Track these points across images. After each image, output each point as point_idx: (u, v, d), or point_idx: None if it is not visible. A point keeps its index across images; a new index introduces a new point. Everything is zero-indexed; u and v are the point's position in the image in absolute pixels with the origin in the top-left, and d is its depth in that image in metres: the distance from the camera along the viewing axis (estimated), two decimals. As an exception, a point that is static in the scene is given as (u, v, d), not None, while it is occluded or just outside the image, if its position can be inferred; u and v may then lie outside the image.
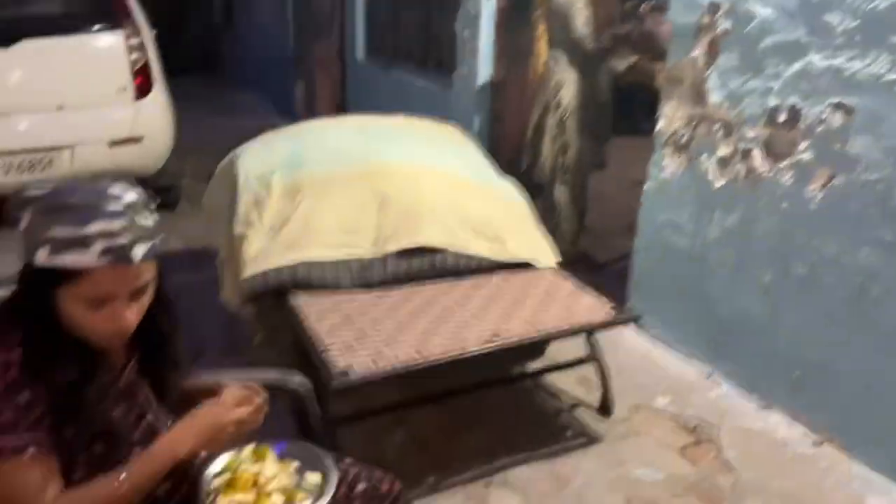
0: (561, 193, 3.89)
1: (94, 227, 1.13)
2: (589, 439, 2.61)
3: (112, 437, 1.26)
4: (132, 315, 1.22)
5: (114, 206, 1.16)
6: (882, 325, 2.34)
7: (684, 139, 2.96)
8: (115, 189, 1.20)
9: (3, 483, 1.14)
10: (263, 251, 2.64)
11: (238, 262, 2.67)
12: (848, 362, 2.45)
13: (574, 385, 2.92)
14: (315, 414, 1.70)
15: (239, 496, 1.37)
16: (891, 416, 2.35)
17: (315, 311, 2.45)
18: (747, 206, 2.73)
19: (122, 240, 1.15)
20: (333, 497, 1.42)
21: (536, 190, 4.68)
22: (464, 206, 2.86)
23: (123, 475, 1.23)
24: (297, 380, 1.69)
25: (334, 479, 1.45)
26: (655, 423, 2.70)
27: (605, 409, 2.74)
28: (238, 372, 1.66)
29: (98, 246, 1.13)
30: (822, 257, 2.48)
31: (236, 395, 1.35)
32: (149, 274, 1.23)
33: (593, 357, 2.74)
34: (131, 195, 1.21)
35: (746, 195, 2.73)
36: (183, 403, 1.42)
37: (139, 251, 1.17)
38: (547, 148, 3.85)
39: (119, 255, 1.15)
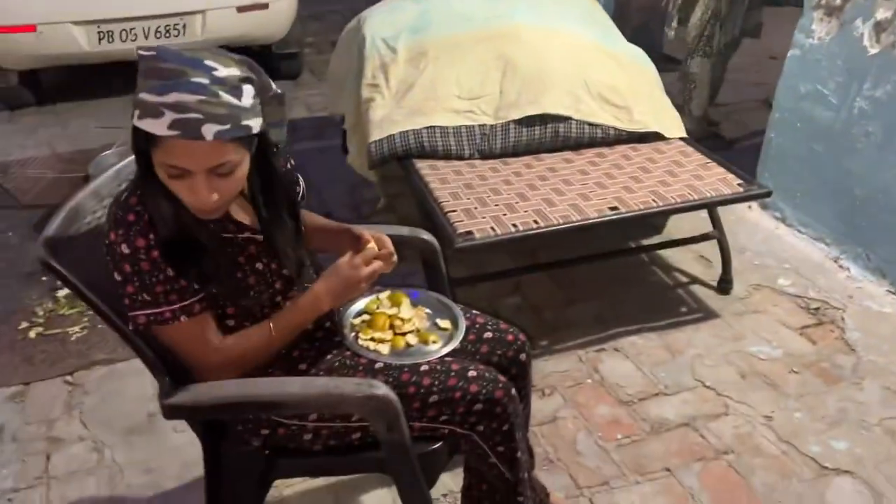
0: (699, 65, 3.67)
1: (170, 98, 1.12)
2: (704, 315, 2.60)
3: (256, 289, 1.37)
4: (212, 193, 1.21)
5: (200, 79, 1.14)
6: None
7: (838, 1, 2.71)
8: (213, 61, 1.17)
9: (174, 342, 1.30)
10: (389, 116, 2.69)
11: (364, 126, 2.74)
12: None
13: (692, 262, 2.89)
14: (442, 269, 1.78)
15: (377, 334, 1.49)
16: None
17: (438, 178, 2.50)
18: (903, 78, 2.51)
19: (195, 114, 1.13)
20: (462, 340, 1.52)
21: (667, 62, 4.48)
22: (590, 73, 2.78)
23: (272, 325, 1.35)
24: (425, 236, 1.76)
25: (463, 325, 1.55)
26: (776, 303, 2.66)
27: (723, 286, 2.71)
28: (372, 227, 1.76)
29: (168, 117, 1.12)
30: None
31: (367, 255, 1.40)
32: (232, 155, 1.20)
33: (715, 233, 2.68)
34: (229, 70, 1.17)
35: (904, 65, 2.50)
36: (325, 241, 1.56)
37: (211, 129, 1.14)
38: (697, 15, 3.60)
39: (187, 130, 1.13)
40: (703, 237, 2.71)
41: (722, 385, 2.27)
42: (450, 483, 1.92)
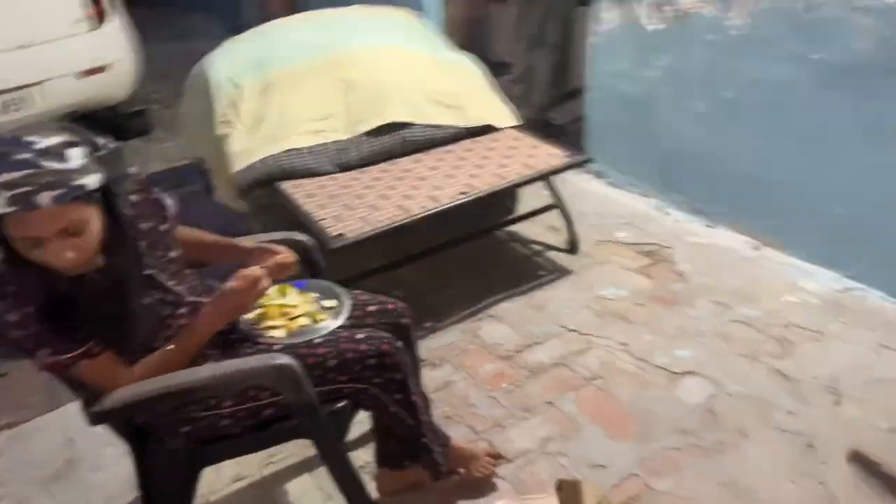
0: (537, 61, 4.10)
1: (1, 178, 1.21)
2: (560, 274, 2.96)
3: (142, 323, 1.49)
4: (68, 252, 1.30)
5: (22, 155, 1.23)
6: (801, 133, 2.66)
7: (618, -9, 3.19)
8: (32, 136, 1.26)
9: (83, 379, 1.43)
10: (247, 147, 2.88)
11: (226, 159, 2.92)
12: (778, 172, 2.79)
13: (544, 233, 3.25)
14: (320, 262, 2.00)
15: (272, 322, 1.69)
16: (816, 211, 2.71)
17: (304, 193, 2.72)
18: (678, 44, 2.99)
19: (25, 188, 1.21)
20: (350, 317, 1.75)
21: (500, 66, 4.91)
22: (425, 81, 3.10)
23: (174, 346, 1.51)
24: (298, 236, 1.98)
25: (348, 302, 1.78)
26: (617, 253, 3.06)
27: (571, 247, 3.08)
28: (249, 238, 1.96)
29: (3, 196, 1.21)
30: (746, 79, 2.77)
31: (255, 272, 1.56)
32: (74, 214, 1.28)
33: (556, 202, 3.06)
34: (49, 141, 1.26)
35: (677, 33, 2.98)
36: (210, 256, 1.75)
37: (45, 196, 1.22)
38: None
39: (24, 203, 1.22)
40: (547, 208, 3.07)
41: (583, 326, 2.62)
42: (364, 456, 2.13)
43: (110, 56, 4.53)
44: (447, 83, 3.14)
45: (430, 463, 1.80)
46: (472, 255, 3.11)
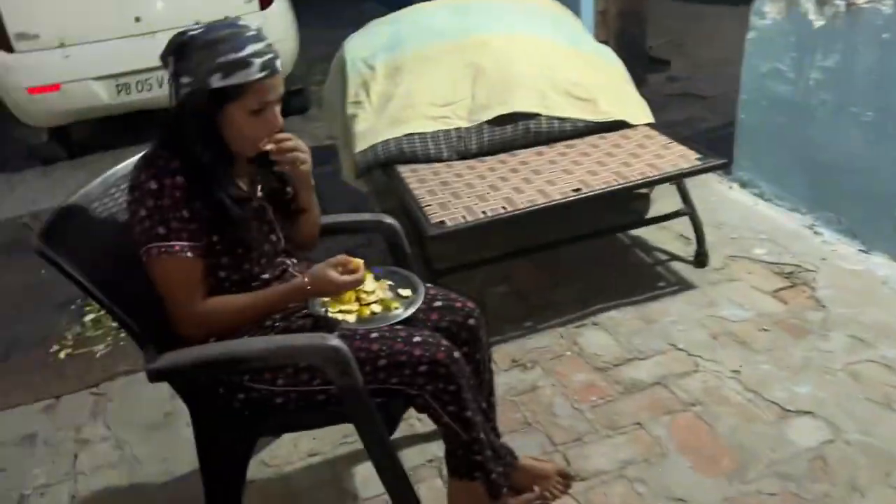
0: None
1: (249, 49, 1.43)
2: (681, 287, 2.73)
3: (248, 246, 1.58)
4: (280, 117, 1.54)
5: (252, 32, 1.47)
6: None
7: (783, -18, 2.87)
8: (241, 21, 1.52)
9: (166, 275, 1.50)
10: (372, 127, 2.91)
11: (350, 140, 2.97)
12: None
13: (671, 241, 3.02)
14: (406, 249, 1.96)
15: (345, 307, 1.68)
16: None
17: (417, 179, 2.70)
18: (847, 43, 2.64)
19: (270, 55, 1.46)
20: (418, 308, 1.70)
21: (655, 63, 4.65)
22: (556, 71, 2.97)
23: (252, 302, 1.56)
24: (388, 220, 1.95)
25: (422, 290, 1.73)
26: (751, 271, 2.77)
27: (699, 259, 2.83)
28: (346, 215, 1.98)
29: (256, 63, 1.43)
30: (924, 88, 2.40)
31: (349, 279, 1.60)
32: (282, 83, 1.53)
33: (687, 209, 2.82)
34: (253, 24, 1.52)
35: (847, 30, 2.63)
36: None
37: (279, 62, 1.49)
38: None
39: (273, 68, 1.46)
40: (675, 214, 2.84)
41: (693, 346, 2.39)
42: (435, 450, 2.08)
43: (273, 36, 4.73)
44: (581, 74, 2.99)
45: (487, 483, 1.70)
46: (590, 255, 2.95)
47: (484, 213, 2.40)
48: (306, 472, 2.12)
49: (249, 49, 1.44)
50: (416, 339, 1.59)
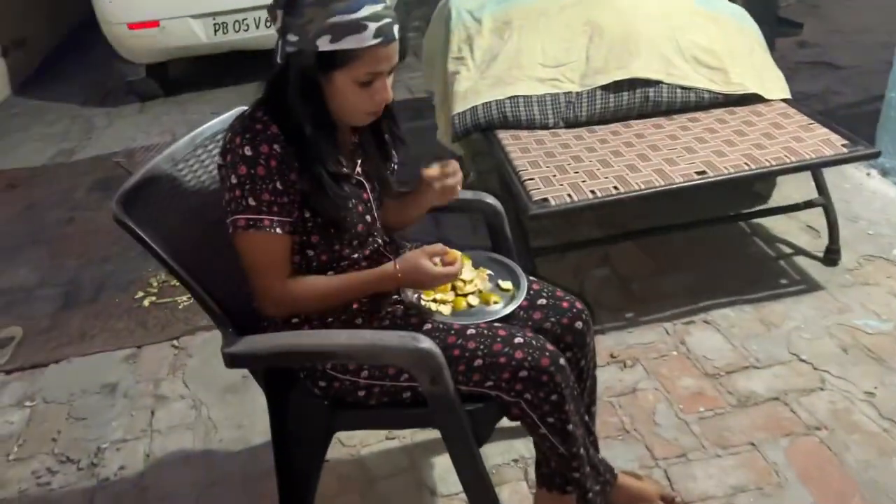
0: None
1: (365, 11, 1.26)
2: (807, 287, 2.43)
3: (342, 226, 1.42)
4: (390, 90, 1.37)
5: None
6: None
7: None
8: None
9: (252, 250, 1.36)
10: (473, 87, 2.69)
11: (449, 99, 2.76)
12: None
13: (798, 232, 2.71)
14: (507, 233, 1.77)
15: (439, 295, 1.51)
16: None
17: (519, 147, 2.48)
18: None
19: (387, 19, 1.29)
20: (518, 306, 1.52)
21: (785, 25, 4.20)
22: (683, 34, 2.66)
23: (337, 287, 1.42)
24: (490, 200, 1.76)
25: (525, 285, 1.55)
26: (890, 274, 2.45)
27: (830, 257, 2.52)
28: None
29: (371, 28, 1.26)
30: None
31: (446, 271, 1.42)
32: (397, 52, 1.35)
33: (821, 199, 2.51)
34: None
35: None
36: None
37: (396, 29, 1.31)
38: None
39: (387, 34, 1.29)
40: (808, 204, 2.53)
41: (820, 359, 2.12)
42: (521, 448, 1.92)
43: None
44: (711, 39, 2.67)
45: (582, 500, 1.52)
46: (703, 242, 2.68)
47: (593, 192, 2.18)
48: (384, 458, 1.99)
49: (365, 11, 1.26)
50: (518, 340, 1.41)
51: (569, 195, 2.17)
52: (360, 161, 1.50)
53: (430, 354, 1.28)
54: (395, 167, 1.60)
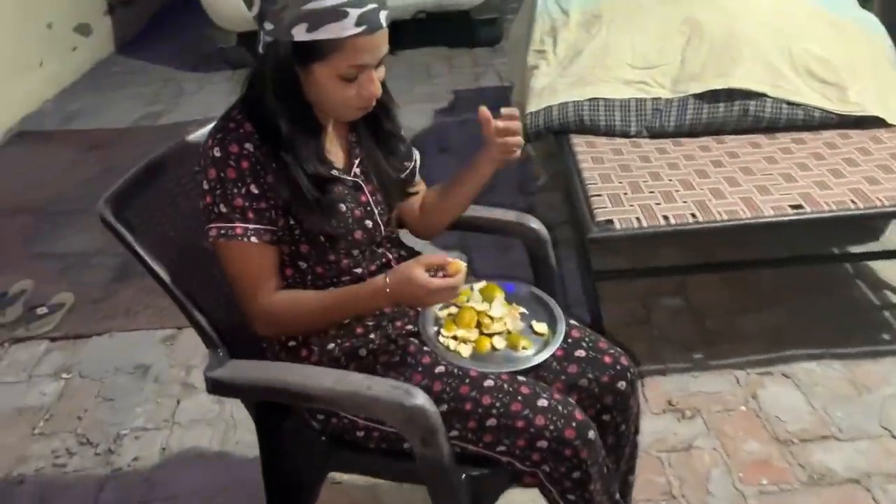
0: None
1: None
2: (915, 347, 2.10)
3: (330, 234, 1.26)
4: (379, 84, 1.21)
5: None
6: None
7: None
8: None
9: (227, 261, 1.23)
10: (551, 85, 2.46)
11: (524, 95, 2.54)
12: None
13: (911, 279, 2.35)
14: (552, 264, 1.55)
15: (461, 332, 1.32)
16: None
17: (592, 156, 2.24)
18: None
19: (371, 5, 1.12)
20: (552, 354, 1.31)
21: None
22: (797, 41, 2.33)
23: (328, 297, 1.25)
24: (533, 224, 1.55)
25: (562, 331, 1.34)
26: None
27: (948, 313, 2.17)
28: (482, 209, 1.58)
29: (353, 14, 1.10)
30: None
31: (443, 284, 1.18)
32: (387, 41, 1.19)
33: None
34: None
35: None
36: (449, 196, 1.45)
37: (383, 14, 1.15)
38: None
39: (371, 22, 1.12)
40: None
41: (918, 439, 1.81)
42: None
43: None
44: (829, 48, 2.33)
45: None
46: (795, 280, 2.37)
47: (666, 218, 1.92)
48: (397, 491, 1.83)
49: None
50: (542, 402, 1.21)
51: (637, 219, 1.92)
52: (357, 160, 1.33)
53: (423, 414, 1.10)
54: (412, 165, 1.43)
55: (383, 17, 1.14)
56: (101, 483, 1.93)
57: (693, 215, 1.92)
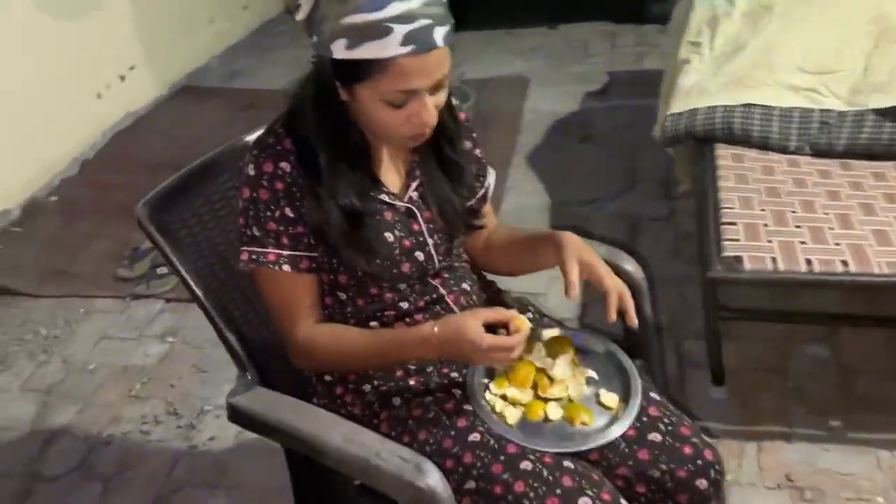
0: None
1: (392, 9, 0.93)
2: None
3: (368, 269, 1.11)
4: (434, 111, 1.04)
5: None
6: None
7: None
8: None
9: (261, 288, 1.13)
10: (700, 84, 2.16)
11: (670, 92, 2.25)
12: None
13: None
14: (646, 315, 1.31)
15: (512, 392, 1.14)
16: None
17: (735, 173, 1.93)
18: None
19: (424, 21, 0.95)
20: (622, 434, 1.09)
21: None
22: None
23: (369, 339, 1.12)
24: (629, 266, 1.31)
25: (636, 408, 1.11)
26: None
27: None
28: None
29: (398, 32, 0.94)
30: None
31: (502, 343, 1.02)
32: (448, 63, 1.02)
33: None
34: None
35: None
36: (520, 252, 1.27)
37: (440, 32, 0.97)
38: None
39: (422, 41, 0.95)
40: None
41: None
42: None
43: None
44: None
45: None
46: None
47: (809, 263, 1.60)
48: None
49: (391, 9, 0.92)
50: (583, 500, 1.00)
51: (773, 259, 1.61)
52: (415, 183, 1.16)
53: (433, 497, 0.94)
54: (483, 192, 1.25)
55: (440, 35, 0.96)
56: (176, 458, 1.95)
57: (844, 262, 1.58)
